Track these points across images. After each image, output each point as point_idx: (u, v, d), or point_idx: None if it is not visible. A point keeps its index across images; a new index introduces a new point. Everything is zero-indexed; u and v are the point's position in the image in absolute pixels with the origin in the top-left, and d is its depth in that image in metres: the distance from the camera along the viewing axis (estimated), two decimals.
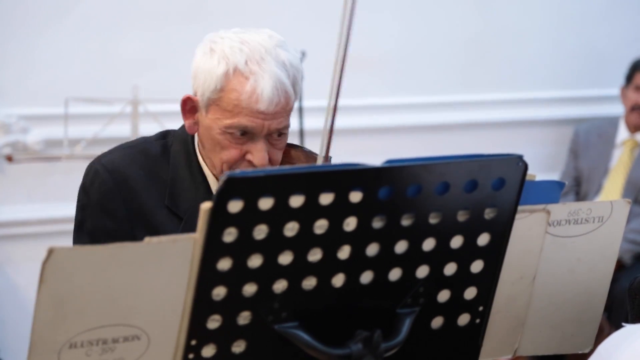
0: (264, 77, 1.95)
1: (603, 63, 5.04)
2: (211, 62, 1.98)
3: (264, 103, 1.95)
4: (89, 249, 1.38)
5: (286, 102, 1.99)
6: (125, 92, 3.85)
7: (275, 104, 1.96)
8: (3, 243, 4.08)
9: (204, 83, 1.99)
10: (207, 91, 1.98)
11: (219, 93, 1.97)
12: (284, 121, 2.00)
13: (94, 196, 2.04)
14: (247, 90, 1.95)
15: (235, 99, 1.96)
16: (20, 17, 4.00)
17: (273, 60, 1.97)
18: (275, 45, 1.99)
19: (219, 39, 2.00)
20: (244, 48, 1.97)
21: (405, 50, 4.66)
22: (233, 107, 1.97)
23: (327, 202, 1.43)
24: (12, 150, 4.04)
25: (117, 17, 4.13)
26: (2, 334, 4.09)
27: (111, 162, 2.06)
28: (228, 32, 2.02)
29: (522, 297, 1.73)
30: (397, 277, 1.55)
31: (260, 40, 1.99)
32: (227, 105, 1.97)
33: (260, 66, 1.96)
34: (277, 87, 1.96)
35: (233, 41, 1.98)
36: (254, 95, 1.95)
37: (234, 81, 1.96)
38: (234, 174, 1.37)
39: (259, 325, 1.48)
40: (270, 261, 1.44)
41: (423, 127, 4.73)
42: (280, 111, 1.98)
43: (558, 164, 4.90)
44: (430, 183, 1.49)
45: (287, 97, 1.98)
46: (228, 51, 1.97)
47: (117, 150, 2.11)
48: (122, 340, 1.43)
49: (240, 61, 1.96)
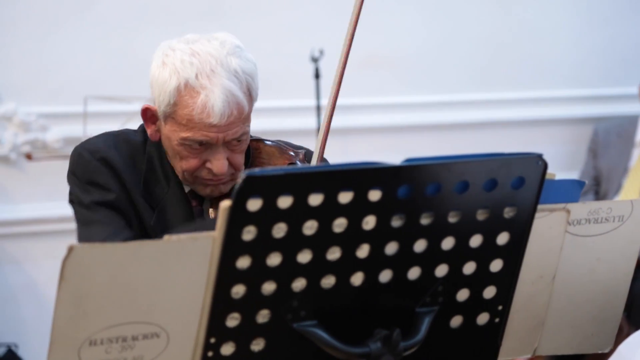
0: (214, 92, 1.96)
1: (623, 62, 5.01)
2: (163, 76, 2.00)
3: (216, 117, 1.97)
4: (109, 247, 1.39)
5: (239, 113, 2.00)
6: (143, 91, 3.85)
7: (227, 116, 1.98)
8: (23, 241, 4.10)
9: (159, 96, 2.02)
10: (162, 104, 2.01)
11: (172, 107, 2.00)
12: (239, 130, 2.02)
13: (82, 176, 2.08)
14: (199, 105, 1.97)
15: (187, 114, 1.98)
16: (39, 15, 4.01)
17: (224, 71, 1.98)
18: (227, 53, 2.00)
19: (170, 52, 2.01)
20: (194, 61, 1.98)
21: (426, 48, 4.65)
22: (187, 121, 1.99)
23: (346, 201, 1.43)
24: (32, 148, 4.06)
25: (136, 16, 4.14)
26: (22, 331, 4.11)
27: (93, 144, 2.10)
28: (180, 41, 2.03)
29: (542, 296, 1.73)
30: (416, 276, 1.54)
31: (211, 50, 1.99)
32: (181, 119, 2.00)
33: (210, 80, 1.97)
34: (228, 100, 1.97)
35: (184, 53, 1.99)
36: (205, 111, 1.97)
37: (186, 96, 1.98)
38: (253, 173, 1.37)
39: (278, 323, 1.48)
40: (289, 260, 1.44)
41: (442, 126, 4.72)
42: (234, 121, 2.00)
43: (577, 163, 4.88)
44: (450, 182, 1.49)
45: (239, 107, 2.00)
46: (179, 65, 1.98)
47: (101, 135, 2.15)
48: (142, 338, 1.43)
49: (190, 76, 1.97)
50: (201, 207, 2.12)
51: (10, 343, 4.04)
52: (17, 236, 4.10)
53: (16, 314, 4.12)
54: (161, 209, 2.08)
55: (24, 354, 4.05)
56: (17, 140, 4.05)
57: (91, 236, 2.03)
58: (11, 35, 3.99)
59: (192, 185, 2.09)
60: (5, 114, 4.03)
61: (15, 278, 4.10)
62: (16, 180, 4.09)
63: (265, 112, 3.97)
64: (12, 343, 4.04)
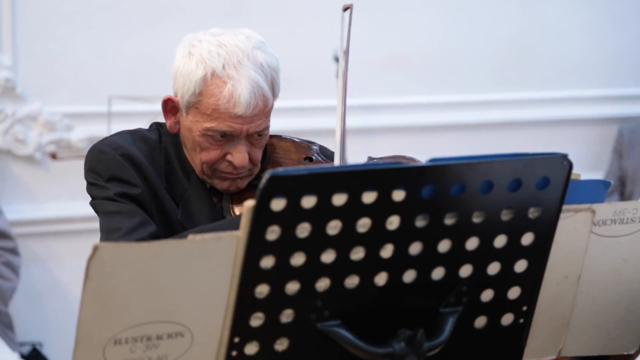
0: (241, 82, 1.98)
1: None
2: (189, 66, 2.01)
3: (242, 107, 1.98)
4: (134, 246, 1.39)
5: (264, 105, 2.01)
6: (167, 91, 3.86)
7: (253, 107, 1.99)
8: (47, 240, 4.12)
9: (183, 86, 2.02)
10: (187, 94, 2.02)
11: (197, 97, 2.01)
12: (262, 123, 2.03)
13: (105, 171, 2.06)
14: (225, 95, 1.98)
15: (213, 104, 1.99)
16: (63, 15, 4.03)
17: (250, 63, 1.99)
18: (253, 47, 2.01)
19: (197, 42, 2.03)
20: (222, 52, 1.99)
21: (448, 48, 4.63)
22: (212, 111, 2.00)
23: (370, 201, 1.43)
24: (56, 147, 4.08)
25: (160, 16, 4.16)
26: (47, 329, 4.13)
27: (113, 141, 2.10)
28: (206, 34, 2.04)
29: (567, 297, 1.72)
30: (440, 276, 1.54)
31: (237, 43, 2.01)
32: (205, 109, 2.00)
33: (237, 70, 1.98)
34: (254, 91, 1.98)
35: (211, 44, 2.00)
36: (231, 100, 1.98)
37: (212, 86, 1.99)
38: (277, 172, 1.37)
39: (302, 323, 1.48)
40: (313, 259, 1.44)
41: (466, 126, 4.71)
42: (258, 114, 2.01)
43: (602, 164, 4.85)
44: (474, 182, 1.48)
45: (264, 99, 2.01)
46: (206, 55, 2.00)
47: (117, 134, 2.15)
48: (166, 337, 1.43)
49: (217, 65, 1.99)
50: (222, 203, 2.13)
51: (35, 342, 4.06)
52: (42, 235, 4.12)
53: (41, 313, 4.14)
54: (185, 203, 2.09)
55: (49, 353, 4.07)
56: (42, 140, 4.08)
57: (117, 225, 2.01)
58: (36, 36, 4.01)
59: (210, 179, 2.09)
60: (30, 114, 4.06)
61: (40, 277, 4.12)
62: (41, 179, 4.11)
63: (287, 112, 3.97)
64: (36, 342, 4.06)
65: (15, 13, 3.97)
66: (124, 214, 2.02)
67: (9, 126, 4.03)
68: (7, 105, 4.03)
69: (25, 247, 3.96)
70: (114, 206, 2.04)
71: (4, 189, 4.05)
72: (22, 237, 3.92)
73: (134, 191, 2.04)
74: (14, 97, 4.04)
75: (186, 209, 2.08)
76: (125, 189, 2.04)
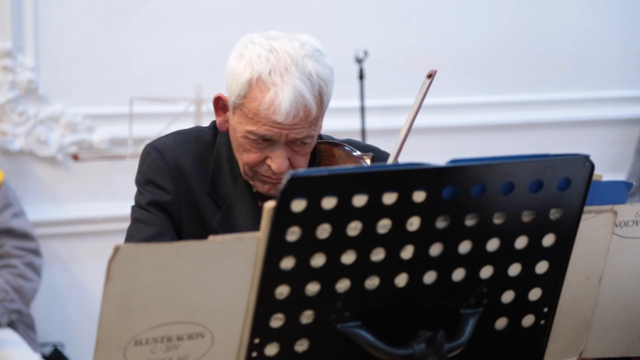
0: (284, 90, 1.97)
1: None
2: (238, 67, 2.02)
3: (281, 115, 1.98)
4: (154, 247, 1.40)
5: (305, 115, 2.00)
6: (188, 92, 3.88)
7: (293, 116, 1.99)
8: (69, 241, 4.14)
9: (231, 86, 2.04)
10: (233, 95, 2.03)
11: (242, 99, 2.01)
12: (303, 132, 2.02)
13: (145, 174, 2.11)
14: (266, 101, 1.98)
15: (255, 108, 2.00)
16: (85, 17, 4.05)
17: (298, 71, 1.99)
18: (305, 55, 2.01)
19: (250, 44, 2.03)
20: (271, 57, 1.99)
21: (472, 49, 4.63)
22: (253, 115, 2.00)
23: (391, 202, 1.43)
24: (78, 149, 4.10)
25: (181, 17, 4.17)
26: (68, 330, 4.15)
27: (162, 143, 2.13)
28: (262, 36, 2.04)
29: (588, 298, 1.71)
30: (460, 278, 1.54)
31: (289, 50, 2.00)
32: (248, 112, 2.01)
33: (282, 78, 1.98)
34: (296, 100, 1.98)
35: (262, 48, 2.01)
36: (272, 107, 1.98)
37: (256, 90, 1.99)
38: (298, 173, 1.37)
39: (322, 324, 1.48)
40: (333, 260, 1.44)
41: (488, 127, 4.70)
42: (299, 122, 2.00)
43: (624, 165, 4.83)
44: (495, 183, 1.48)
45: (306, 110, 2.00)
46: (255, 59, 2.00)
47: (172, 134, 2.18)
48: (187, 338, 1.44)
49: (264, 70, 1.99)
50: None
51: (57, 342, 4.08)
52: (63, 236, 4.14)
53: (62, 314, 4.16)
54: (227, 208, 2.09)
55: (70, 353, 4.09)
56: (64, 141, 4.10)
57: (132, 235, 2.08)
58: (58, 38, 4.03)
59: (252, 181, 2.09)
60: (52, 115, 4.08)
61: (61, 278, 4.14)
62: (63, 180, 4.13)
63: None
64: (58, 342, 4.09)
65: (37, 15, 3.99)
66: (143, 223, 2.07)
67: (31, 127, 4.06)
68: (30, 107, 4.05)
69: (47, 248, 3.99)
70: (139, 213, 2.09)
71: (26, 190, 4.08)
72: (43, 238, 3.94)
73: (164, 198, 2.08)
74: (37, 99, 4.06)
75: (227, 214, 2.09)
76: (156, 196, 2.08)
